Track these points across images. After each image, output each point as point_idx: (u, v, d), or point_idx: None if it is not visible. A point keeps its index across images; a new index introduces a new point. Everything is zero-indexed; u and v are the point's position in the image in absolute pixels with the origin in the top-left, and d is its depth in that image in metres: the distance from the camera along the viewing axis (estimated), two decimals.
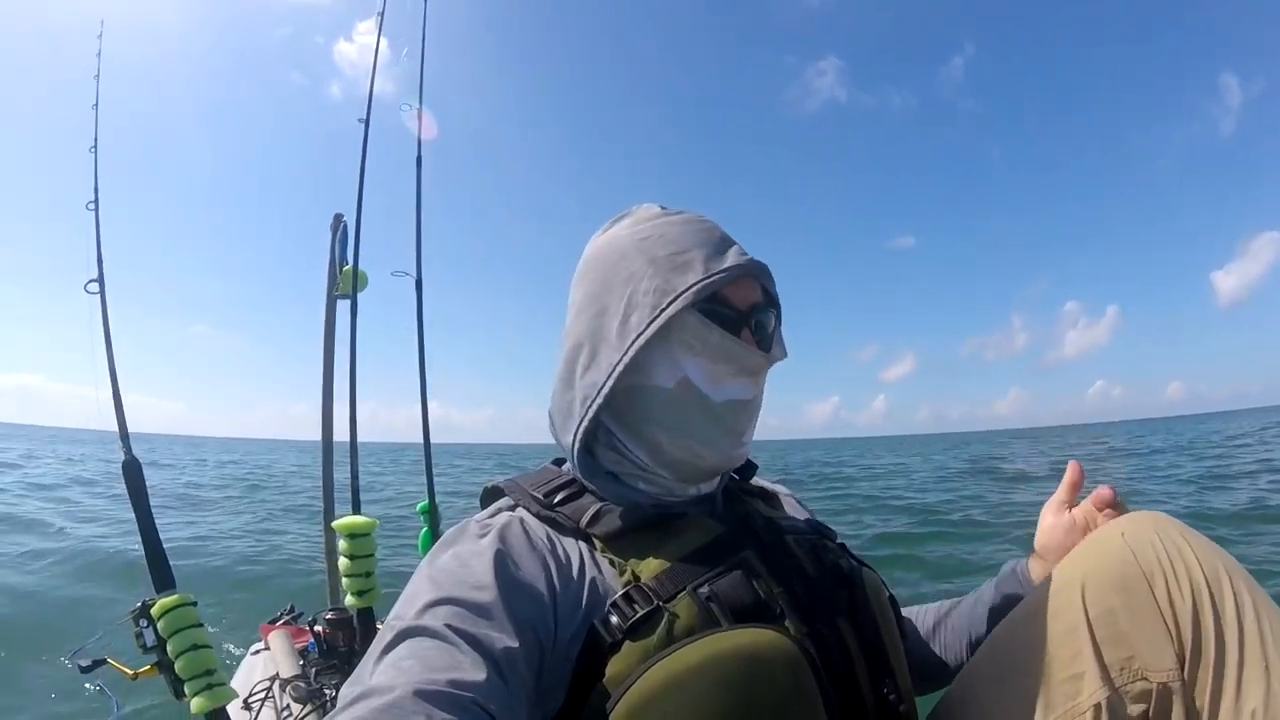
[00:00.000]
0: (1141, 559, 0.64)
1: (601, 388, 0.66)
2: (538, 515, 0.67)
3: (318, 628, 1.91)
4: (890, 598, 0.73)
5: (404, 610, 0.54)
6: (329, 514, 2.55)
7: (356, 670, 0.52)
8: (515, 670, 0.51)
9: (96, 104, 2.15)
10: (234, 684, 2.06)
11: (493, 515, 0.67)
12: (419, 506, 2.25)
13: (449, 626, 0.50)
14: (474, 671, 0.47)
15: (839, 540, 0.76)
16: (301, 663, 1.86)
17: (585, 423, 0.67)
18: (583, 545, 0.64)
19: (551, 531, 0.65)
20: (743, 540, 0.65)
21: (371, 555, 1.87)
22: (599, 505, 0.66)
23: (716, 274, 0.65)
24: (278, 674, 1.84)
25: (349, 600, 1.86)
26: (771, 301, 0.72)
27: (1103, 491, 0.77)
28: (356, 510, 1.97)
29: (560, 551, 0.63)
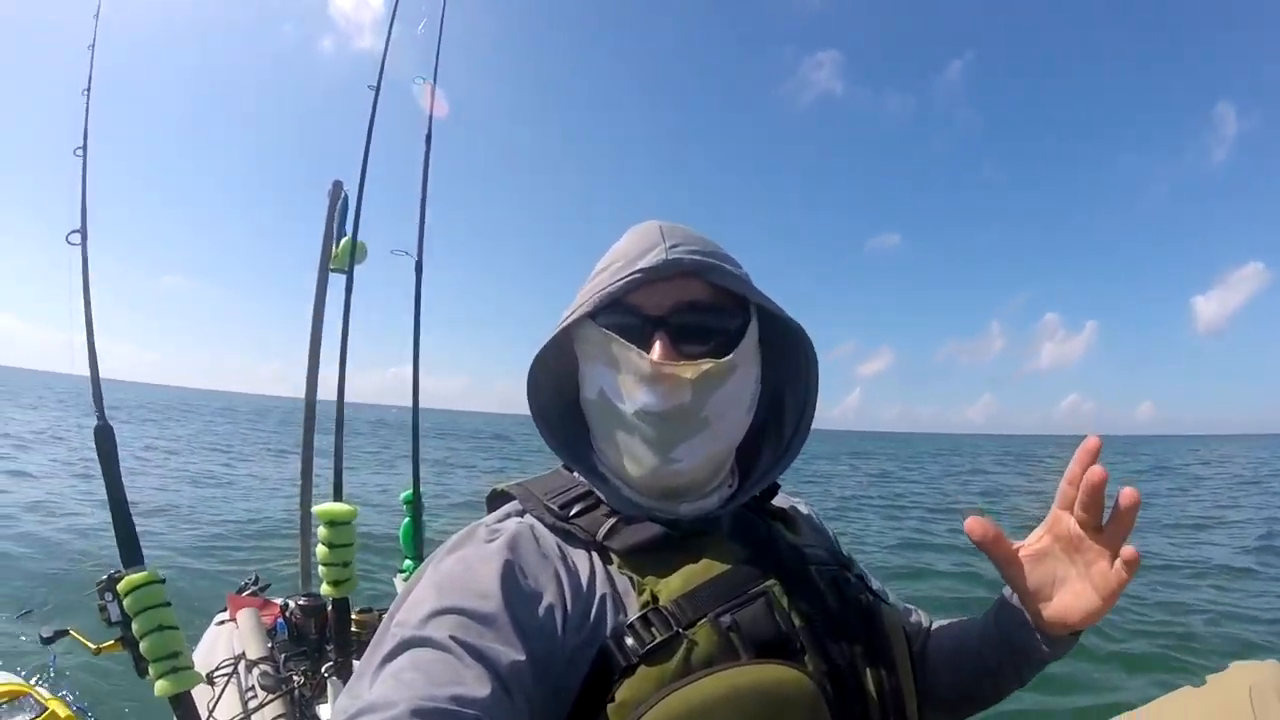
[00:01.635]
0: None
1: (530, 407, 0.71)
2: (550, 526, 0.65)
3: (289, 612, 1.84)
4: (906, 635, 0.71)
5: (407, 616, 0.53)
6: (307, 495, 2.46)
7: (354, 678, 0.50)
8: (521, 684, 0.50)
9: (94, 44, 2.02)
10: (197, 653, 1.99)
11: (502, 520, 0.66)
12: (403, 496, 2.17)
13: (453, 638, 0.49)
14: (478, 687, 0.47)
15: (859, 571, 0.74)
16: (270, 645, 1.80)
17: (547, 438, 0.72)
18: (596, 557, 0.63)
19: (562, 542, 0.64)
20: (767, 567, 0.63)
21: (350, 545, 1.81)
22: (616, 518, 0.65)
23: (617, 281, 0.63)
24: (244, 653, 1.79)
25: (325, 588, 1.79)
26: (717, 301, 0.66)
27: (1092, 480, 0.60)
28: (339, 497, 1.89)
29: (570, 563, 0.61)
